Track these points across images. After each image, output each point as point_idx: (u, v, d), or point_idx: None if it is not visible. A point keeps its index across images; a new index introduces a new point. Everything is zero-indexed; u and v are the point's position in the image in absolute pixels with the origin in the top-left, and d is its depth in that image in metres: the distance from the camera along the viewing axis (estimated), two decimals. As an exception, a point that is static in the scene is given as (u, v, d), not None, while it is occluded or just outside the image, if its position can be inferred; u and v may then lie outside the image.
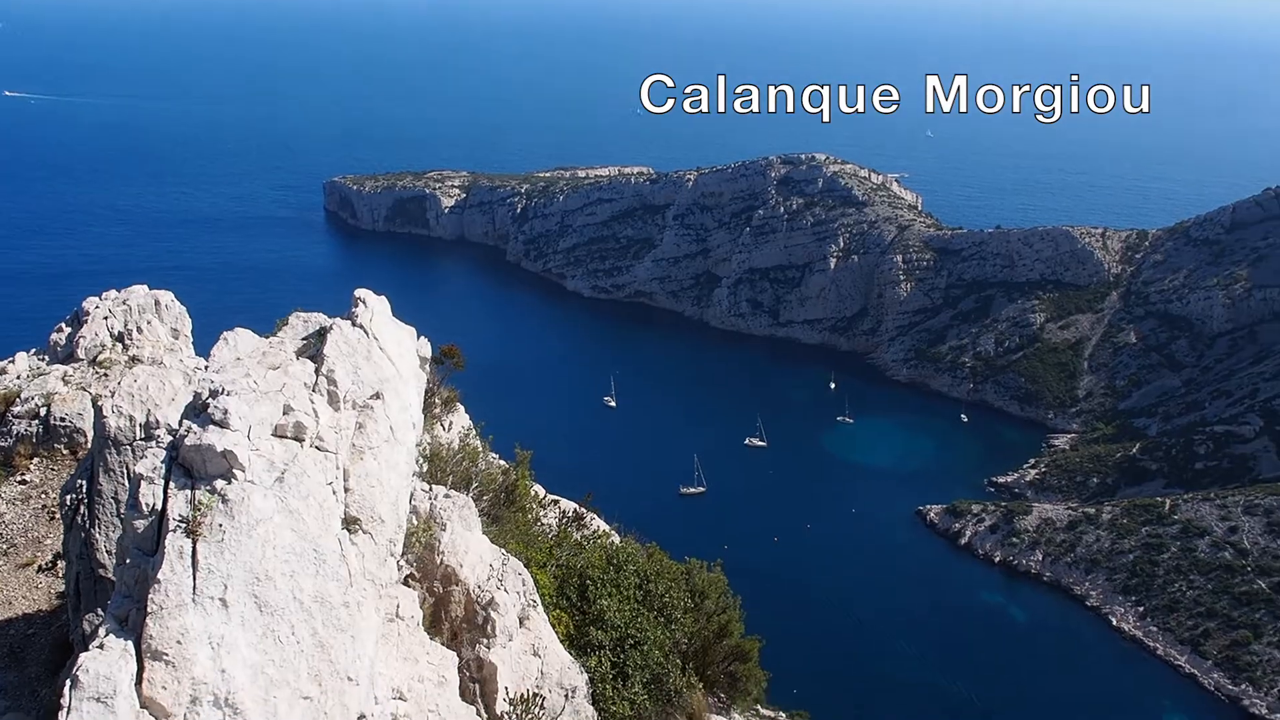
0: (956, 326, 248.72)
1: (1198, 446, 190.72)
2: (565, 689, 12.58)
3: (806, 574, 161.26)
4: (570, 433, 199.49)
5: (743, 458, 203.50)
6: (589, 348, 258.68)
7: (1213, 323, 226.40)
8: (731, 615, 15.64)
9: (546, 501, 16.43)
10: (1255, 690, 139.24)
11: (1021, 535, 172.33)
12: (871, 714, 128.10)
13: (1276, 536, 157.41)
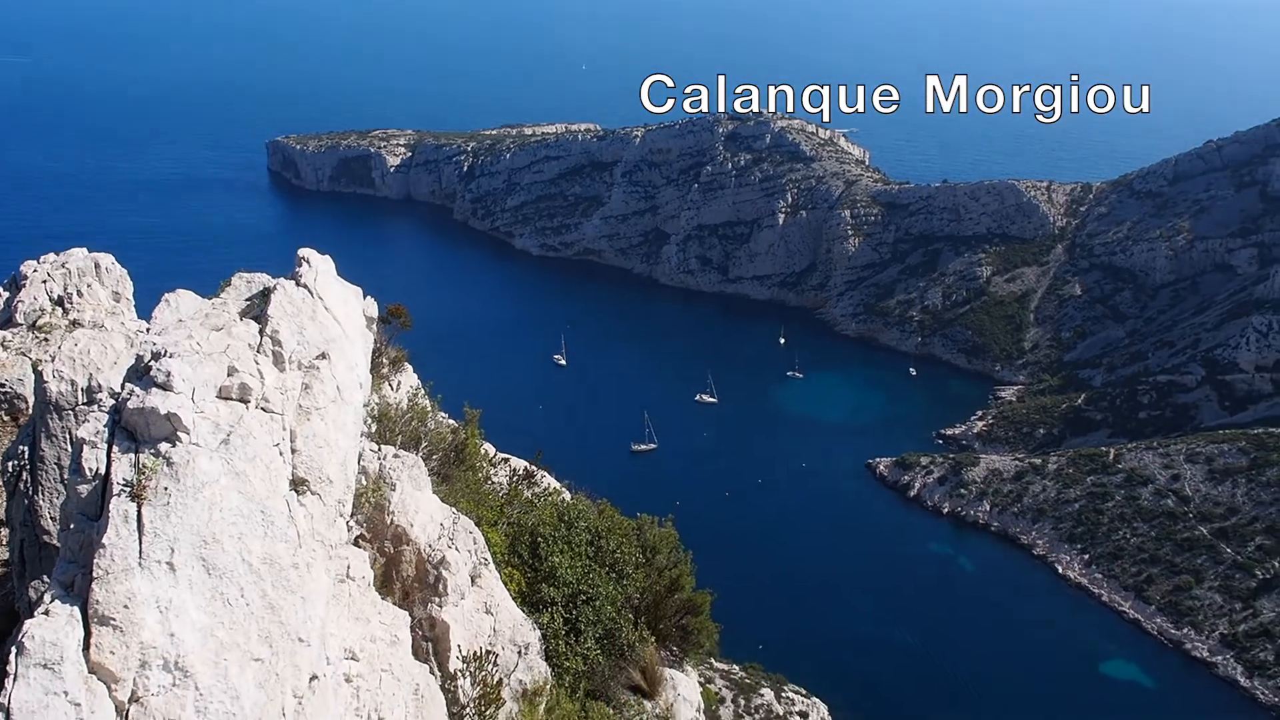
0: (904, 280, 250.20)
1: (1141, 397, 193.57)
2: (518, 646, 12.61)
3: (758, 528, 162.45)
4: (520, 391, 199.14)
5: (693, 414, 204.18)
6: (538, 306, 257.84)
7: (1156, 274, 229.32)
8: (683, 570, 15.73)
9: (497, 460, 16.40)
10: (1197, 634, 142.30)
11: (969, 486, 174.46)
12: (823, 665, 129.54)
13: (1217, 484, 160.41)
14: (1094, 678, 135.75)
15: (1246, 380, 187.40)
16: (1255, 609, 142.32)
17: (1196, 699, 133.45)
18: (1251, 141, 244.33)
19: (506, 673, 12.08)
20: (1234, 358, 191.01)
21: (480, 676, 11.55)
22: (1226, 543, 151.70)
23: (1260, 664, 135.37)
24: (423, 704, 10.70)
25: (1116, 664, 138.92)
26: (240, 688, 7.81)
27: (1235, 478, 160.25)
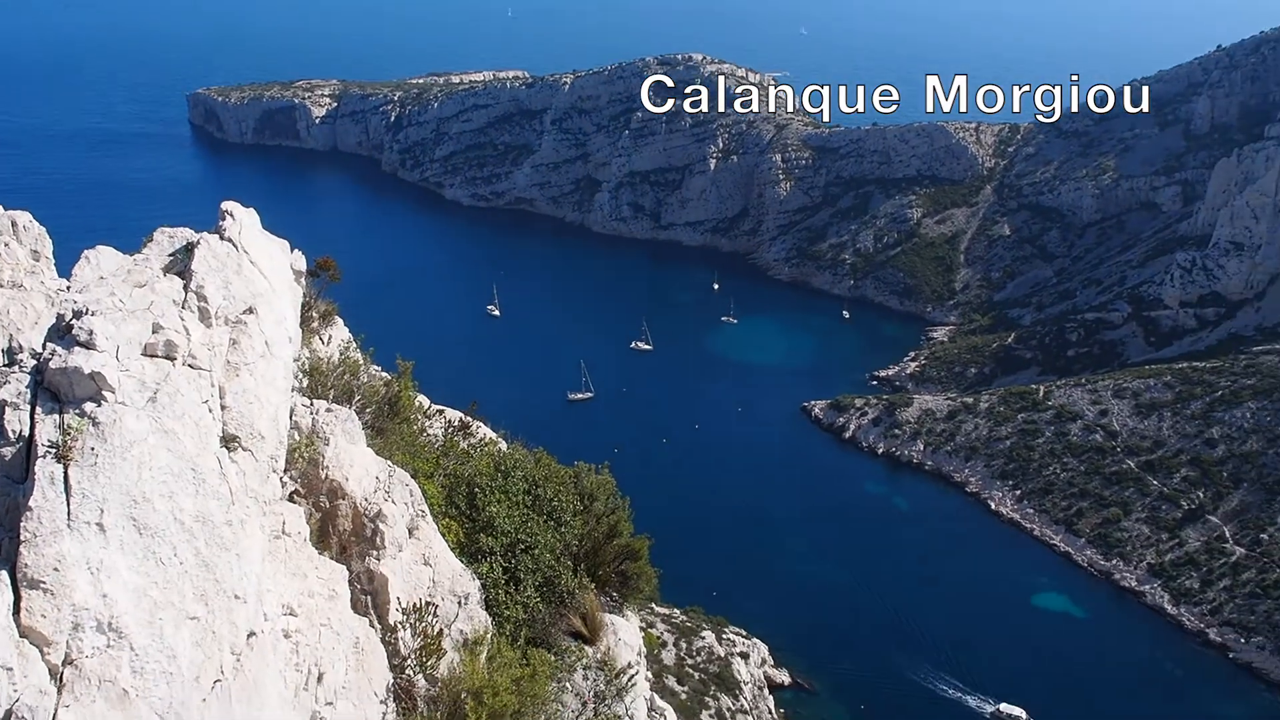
0: (836, 224, 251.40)
1: (1069, 334, 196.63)
2: (458, 596, 12.61)
3: (695, 473, 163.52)
4: (454, 343, 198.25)
5: (629, 361, 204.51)
6: (470, 257, 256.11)
7: (1082, 213, 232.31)
8: (621, 516, 15.79)
9: (431, 412, 16.33)
10: (1125, 564, 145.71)
11: (903, 427, 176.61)
12: (763, 607, 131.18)
13: (1144, 418, 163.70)
14: (1027, 610, 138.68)
15: (1171, 316, 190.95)
16: (1181, 539, 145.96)
17: (1125, 627, 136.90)
18: (1174, 80, 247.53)
19: (447, 623, 12.09)
20: (1159, 294, 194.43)
21: (421, 628, 11.55)
22: (1153, 475, 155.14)
23: (1186, 591, 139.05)
24: (363, 657, 10.70)
25: (1048, 596, 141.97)
26: (176, 646, 7.76)
27: (1161, 412, 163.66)
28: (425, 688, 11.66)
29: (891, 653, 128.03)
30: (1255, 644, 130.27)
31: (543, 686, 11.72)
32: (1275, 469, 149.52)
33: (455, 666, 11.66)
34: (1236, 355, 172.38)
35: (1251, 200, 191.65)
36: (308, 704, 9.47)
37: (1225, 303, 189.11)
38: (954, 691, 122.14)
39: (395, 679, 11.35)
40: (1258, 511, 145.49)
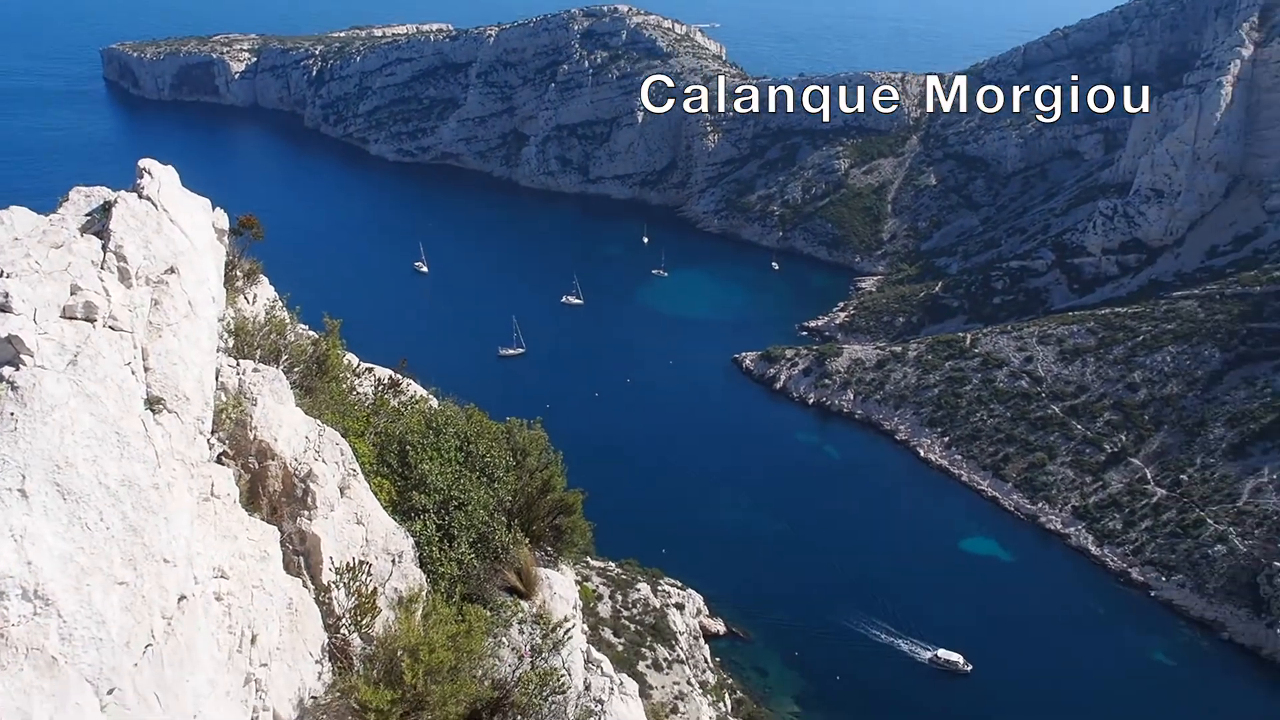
0: (764, 176, 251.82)
1: (995, 282, 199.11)
2: (391, 554, 12.57)
3: (628, 427, 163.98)
4: (382, 300, 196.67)
5: (560, 316, 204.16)
6: (396, 213, 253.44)
7: (1007, 162, 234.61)
8: (554, 471, 15.81)
9: (361, 370, 16.18)
10: (1050, 508, 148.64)
11: (833, 376, 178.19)
12: (698, 557, 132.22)
13: (1068, 364, 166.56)
14: (955, 554, 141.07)
15: (1094, 263, 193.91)
16: (1104, 481, 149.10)
17: (1051, 568, 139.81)
18: (1095, 29, 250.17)
19: (381, 582, 12.05)
20: (1082, 242, 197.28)
21: (355, 587, 11.51)
22: (1077, 420, 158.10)
23: (1109, 533, 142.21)
24: (297, 617, 10.64)
25: (976, 540, 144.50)
26: (105, 612, 7.66)
27: (1084, 357, 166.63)
28: (361, 646, 11.64)
29: (824, 600, 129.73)
30: (1175, 582, 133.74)
31: (478, 642, 11.74)
32: (1194, 412, 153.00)
33: (390, 625, 11.64)
34: (1157, 301, 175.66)
35: (1171, 148, 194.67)
36: (242, 666, 9.42)
37: (1146, 249, 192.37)
38: (886, 636, 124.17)
39: (330, 639, 11.32)
40: (1178, 453, 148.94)
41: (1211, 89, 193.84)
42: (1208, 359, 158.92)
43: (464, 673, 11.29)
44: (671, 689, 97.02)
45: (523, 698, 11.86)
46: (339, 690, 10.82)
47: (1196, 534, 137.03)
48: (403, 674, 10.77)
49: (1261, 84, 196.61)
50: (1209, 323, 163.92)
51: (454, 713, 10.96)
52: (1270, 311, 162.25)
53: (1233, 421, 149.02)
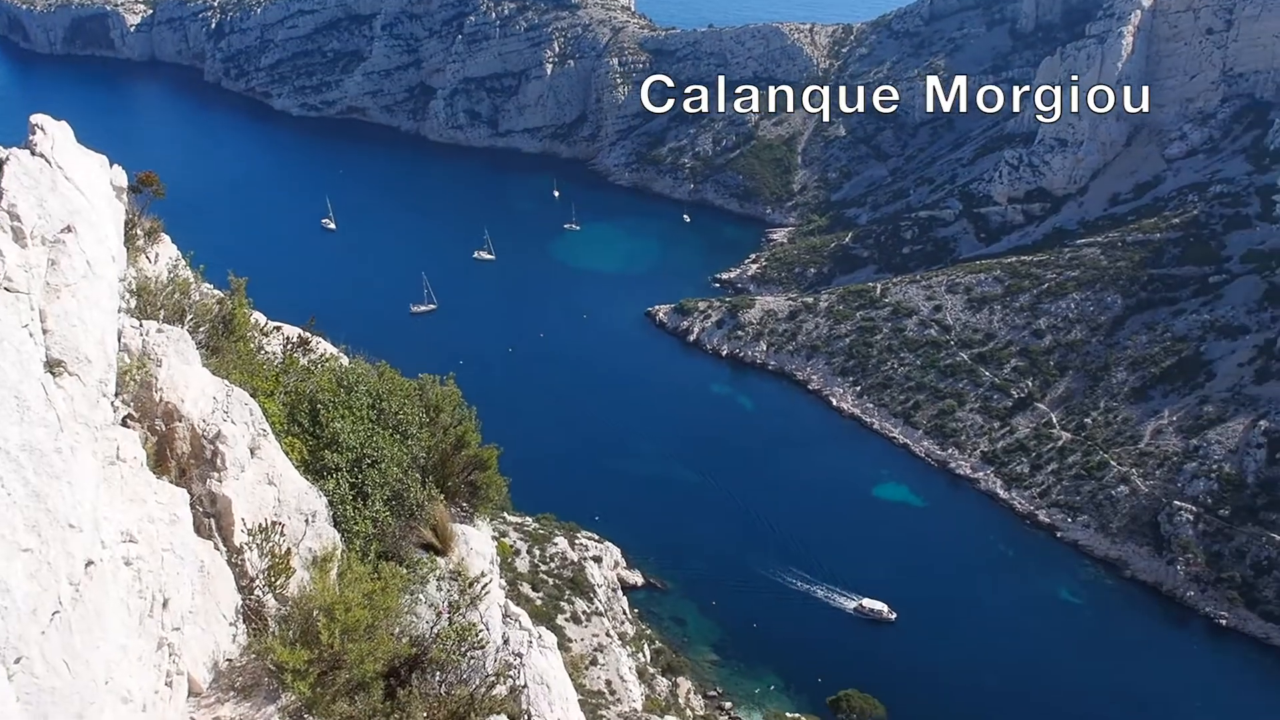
0: (675, 128, 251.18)
1: (904, 232, 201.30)
2: (305, 514, 12.46)
3: (543, 381, 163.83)
4: (289, 258, 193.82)
5: (472, 272, 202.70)
6: (302, 169, 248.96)
7: (915, 113, 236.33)
8: (468, 427, 15.74)
9: (269, 329, 15.94)
10: (960, 453, 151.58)
11: (746, 328, 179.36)
12: (614, 510, 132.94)
13: (976, 312, 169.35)
14: (869, 502, 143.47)
15: (1000, 212, 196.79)
16: (1011, 426, 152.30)
17: (961, 512, 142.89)
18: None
19: (295, 542, 11.95)
20: (988, 191, 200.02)
21: (268, 548, 11.41)
22: (985, 367, 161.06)
23: (1016, 476, 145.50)
24: (209, 580, 10.54)
25: (889, 487, 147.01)
26: (9, 580, 7.51)
27: (992, 305, 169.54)
28: (276, 607, 11.56)
29: (741, 550, 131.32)
30: (1081, 523, 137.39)
31: (395, 599, 11.71)
32: (1098, 357, 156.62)
33: (305, 584, 11.56)
34: (1061, 249, 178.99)
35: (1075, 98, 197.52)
36: (154, 630, 9.30)
37: (1050, 198, 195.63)
38: (803, 584, 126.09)
39: (244, 600, 11.23)
40: (1082, 398, 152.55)
41: (1113, 39, 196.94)
42: (1110, 305, 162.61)
43: (381, 631, 11.27)
44: (591, 641, 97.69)
45: (441, 653, 11.87)
46: (254, 652, 10.74)
47: (1100, 476, 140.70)
48: (319, 634, 10.72)
49: (1160, 34, 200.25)
50: (1111, 269, 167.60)
51: (372, 671, 10.95)
52: (1170, 258, 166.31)
53: (1134, 366, 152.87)
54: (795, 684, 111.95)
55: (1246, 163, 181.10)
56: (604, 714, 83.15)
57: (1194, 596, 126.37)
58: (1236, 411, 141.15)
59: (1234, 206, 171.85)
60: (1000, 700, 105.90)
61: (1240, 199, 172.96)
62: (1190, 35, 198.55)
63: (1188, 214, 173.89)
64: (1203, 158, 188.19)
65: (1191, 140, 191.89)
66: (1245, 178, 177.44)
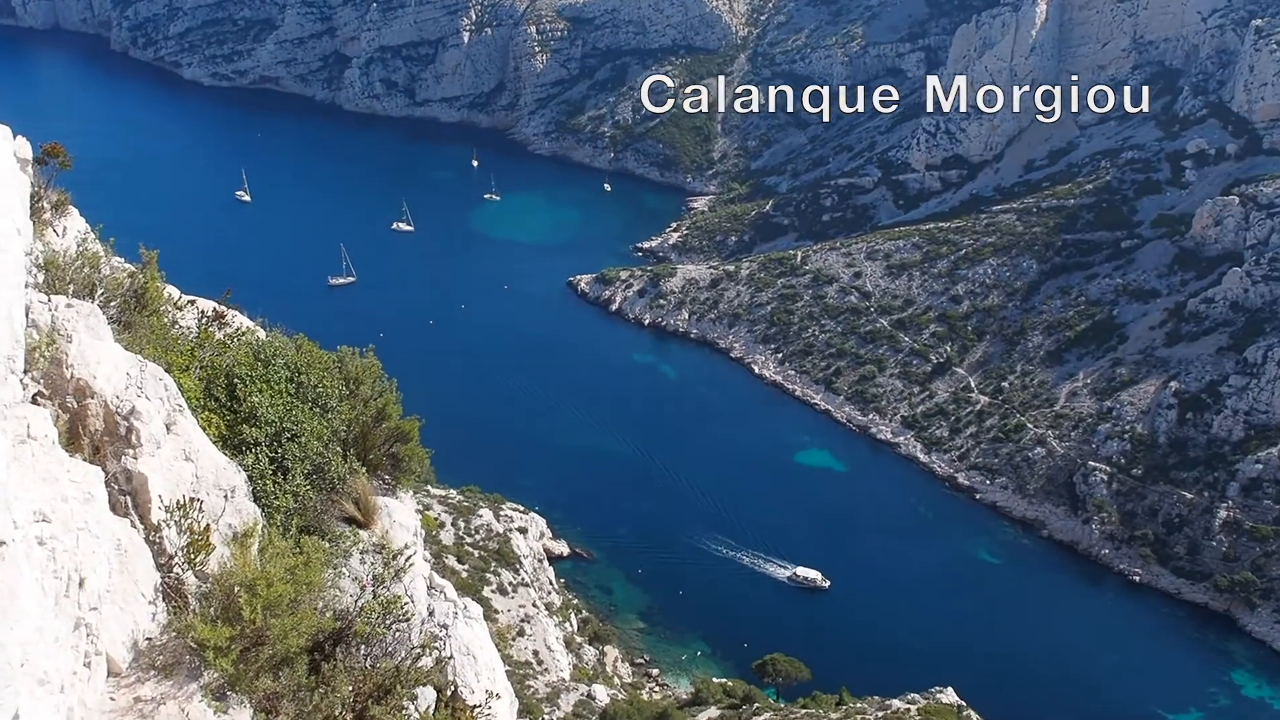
0: (594, 96, 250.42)
1: (824, 200, 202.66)
2: (223, 489, 12.30)
3: (464, 353, 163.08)
4: (202, 231, 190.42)
5: (391, 243, 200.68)
6: (214, 140, 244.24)
7: (833, 81, 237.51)
8: (389, 399, 15.62)
9: (182, 303, 15.65)
10: (881, 418, 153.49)
11: (668, 297, 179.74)
12: (539, 480, 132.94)
13: (895, 278, 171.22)
14: (792, 467, 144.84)
15: (918, 179, 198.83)
16: (931, 391, 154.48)
17: (883, 476, 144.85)
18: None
19: (214, 518, 11.80)
20: (906, 158, 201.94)
21: (186, 525, 11.24)
22: (904, 332, 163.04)
23: (936, 440, 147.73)
24: (127, 558, 10.37)
25: (811, 453, 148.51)
26: (-84, 563, 7.35)
27: (910, 271, 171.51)
28: (196, 585, 11.41)
29: (666, 517, 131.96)
30: (999, 484, 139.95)
31: (318, 574, 11.61)
32: (1014, 321, 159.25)
33: (226, 561, 11.42)
34: (978, 215, 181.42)
35: (989, 65, 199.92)
36: (71, 611, 9.15)
37: (967, 165, 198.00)
38: (727, 551, 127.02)
39: (163, 578, 11.07)
40: (999, 362, 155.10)
41: (1027, 7, 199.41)
42: (1026, 270, 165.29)
43: (304, 605, 11.17)
44: (518, 612, 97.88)
45: (365, 627, 11.81)
46: (175, 630, 10.61)
47: (1017, 438, 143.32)
48: (240, 610, 10.61)
49: (1074, 2, 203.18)
50: (1027, 235, 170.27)
51: (295, 646, 10.86)
52: (1083, 223, 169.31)
53: (1049, 330, 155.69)
54: (722, 650, 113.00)
55: (1157, 129, 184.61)
56: (532, 684, 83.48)
57: (1108, 554, 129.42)
58: (1148, 373, 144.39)
59: (1145, 172, 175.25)
60: (923, 659, 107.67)
61: (1151, 165, 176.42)
62: (1102, 3, 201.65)
63: (1100, 180, 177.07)
64: (1114, 124, 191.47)
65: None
66: (1156, 144, 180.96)
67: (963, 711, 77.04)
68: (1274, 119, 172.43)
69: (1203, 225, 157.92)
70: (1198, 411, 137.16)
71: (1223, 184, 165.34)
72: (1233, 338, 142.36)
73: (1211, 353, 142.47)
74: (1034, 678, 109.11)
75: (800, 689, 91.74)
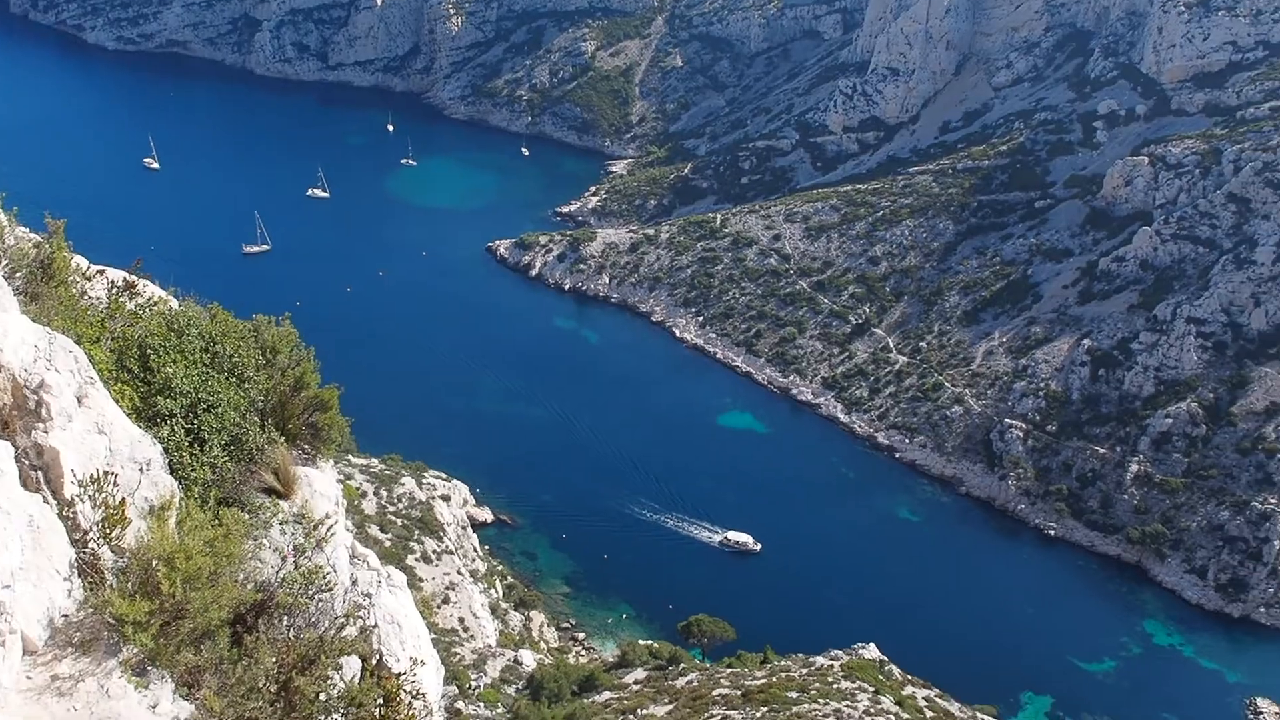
0: (511, 60, 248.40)
1: (743, 163, 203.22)
2: (139, 462, 12.08)
3: (382, 320, 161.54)
4: (111, 199, 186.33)
5: (306, 210, 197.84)
6: (120, 107, 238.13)
7: (750, 42, 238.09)
8: (306, 368, 15.40)
9: (91, 273, 15.30)
10: (801, 380, 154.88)
11: (588, 261, 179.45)
12: (462, 447, 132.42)
13: (814, 240, 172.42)
14: (714, 430, 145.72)
15: (836, 142, 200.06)
16: (850, 352, 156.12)
17: (805, 437, 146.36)
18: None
19: (129, 491, 11.59)
20: (824, 121, 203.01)
21: (101, 499, 11.03)
22: (824, 294, 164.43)
23: (856, 400, 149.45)
24: (40, 535, 10.17)
25: (733, 415, 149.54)
26: None
27: (829, 233, 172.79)
28: (112, 559, 11.22)
29: (590, 482, 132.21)
30: (918, 443, 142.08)
31: (238, 545, 11.46)
32: (931, 282, 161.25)
33: (143, 535, 11.24)
34: (895, 177, 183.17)
35: (905, 27, 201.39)
36: (-19, 589, 8.96)
37: (884, 127, 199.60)
38: (651, 514, 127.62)
39: (78, 554, 10.86)
40: (917, 322, 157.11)
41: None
42: (942, 231, 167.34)
43: (225, 577, 11.04)
44: (442, 580, 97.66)
45: (288, 598, 11.70)
46: (92, 606, 10.42)
47: (935, 397, 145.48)
48: (159, 584, 10.45)
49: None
50: (943, 196, 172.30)
51: (216, 619, 10.73)
52: (998, 184, 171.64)
53: (966, 290, 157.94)
54: (648, 613, 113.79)
55: (1069, 90, 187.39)
56: (458, 651, 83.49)
57: (1025, 509, 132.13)
58: (1062, 331, 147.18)
59: (1057, 133, 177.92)
60: (847, 616, 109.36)
61: (1063, 126, 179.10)
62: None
63: (1014, 141, 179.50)
64: (1028, 86, 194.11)
65: (1017, 69, 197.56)
66: (1068, 105, 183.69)
67: (884, 666, 78.35)
68: (1182, 80, 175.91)
69: (1113, 185, 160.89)
70: (1110, 368, 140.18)
71: (1133, 144, 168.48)
72: (1143, 295, 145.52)
73: (1123, 310, 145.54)
74: (953, 632, 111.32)
75: (725, 649, 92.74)
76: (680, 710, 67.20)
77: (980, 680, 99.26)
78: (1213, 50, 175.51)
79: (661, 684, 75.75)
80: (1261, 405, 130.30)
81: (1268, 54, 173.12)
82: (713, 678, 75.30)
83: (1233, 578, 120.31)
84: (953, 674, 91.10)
